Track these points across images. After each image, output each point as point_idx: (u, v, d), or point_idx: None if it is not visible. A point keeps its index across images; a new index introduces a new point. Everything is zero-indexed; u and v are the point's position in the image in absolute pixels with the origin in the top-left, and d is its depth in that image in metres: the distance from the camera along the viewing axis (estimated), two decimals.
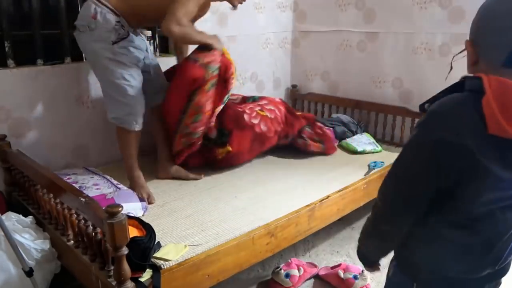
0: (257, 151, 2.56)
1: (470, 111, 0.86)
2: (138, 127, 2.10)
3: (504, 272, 1.09)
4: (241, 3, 2.32)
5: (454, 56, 1.03)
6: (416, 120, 2.90)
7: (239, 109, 2.45)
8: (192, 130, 2.22)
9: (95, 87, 2.42)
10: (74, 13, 2.39)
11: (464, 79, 0.94)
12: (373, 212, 1.09)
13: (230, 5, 2.32)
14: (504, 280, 1.11)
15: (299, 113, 2.84)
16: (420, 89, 2.94)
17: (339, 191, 2.22)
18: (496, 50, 0.90)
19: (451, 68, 1.02)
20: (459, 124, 0.87)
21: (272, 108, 2.60)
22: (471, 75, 0.94)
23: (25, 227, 1.80)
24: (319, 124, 2.83)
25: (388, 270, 1.20)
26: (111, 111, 2.09)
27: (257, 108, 2.51)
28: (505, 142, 0.85)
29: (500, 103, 0.83)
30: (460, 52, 1.02)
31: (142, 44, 2.17)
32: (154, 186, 2.22)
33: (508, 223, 0.99)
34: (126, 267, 1.36)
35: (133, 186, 2.11)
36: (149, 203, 2.04)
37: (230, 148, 2.36)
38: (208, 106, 2.21)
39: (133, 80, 2.05)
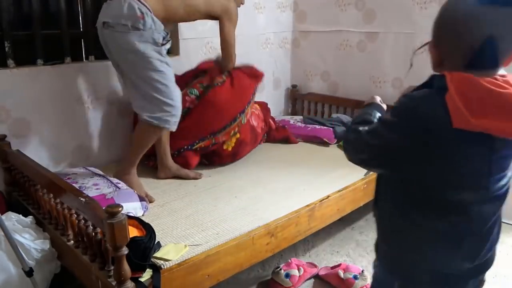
0: (253, 146, 2.61)
1: (436, 107, 0.90)
2: (175, 127, 2.09)
3: (485, 267, 1.10)
4: (238, 6, 2.38)
5: (414, 52, 1.07)
6: None
7: None
8: (218, 141, 2.41)
9: (95, 87, 2.42)
10: (74, 13, 2.40)
11: (432, 77, 0.98)
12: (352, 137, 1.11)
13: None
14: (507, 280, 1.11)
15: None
16: None
17: (339, 191, 2.21)
18: (457, 54, 0.94)
19: (411, 65, 1.04)
20: (426, 119, 0.92)
21: (256, 105, 2.78)
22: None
23: (25, 227, 1.80)
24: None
25: (373, 271, 1.21)
26: (151, 111, 2.02)
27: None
28: (469, 136, 0.89)
29: (464, 97, 0.88)
30: (419, 48, 1.08)
31: None
32: (154, 186, 2.22)
33: (480, 217, 1.01)
34: (126, 267, 1.36)
35: (129, 181, 2.09)
36: (150, 201, 2.04)
37: (239, 135, 2.47)
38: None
39: (175, 83, 2.07)
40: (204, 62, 2.61)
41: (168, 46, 2.04)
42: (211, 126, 2.40)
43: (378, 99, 1.25)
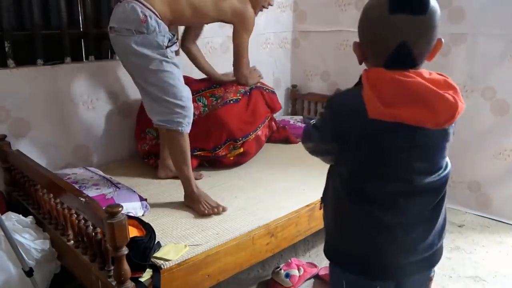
0: (256, 152, 2.60)
1: (355, 101, 0.99)
2: (189, 128, 2.03)
3: (429, 263, 1.12)
4: (261, 10, 2.41)
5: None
6: None
7: None
8: (218, 154, 2.42)
9: (95, 87, 2.42)
10: (74, 13, 2.40)
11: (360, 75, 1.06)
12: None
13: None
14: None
15: None
16: None
17: None
18: (376, 55, 1.01)
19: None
20: (347, 112, 1.02)
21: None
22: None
23: (25, 227, 1.80)
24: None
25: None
26: (161, 114, 1.99)
27: None
28: (388, 127, 0.95)
29: (376, 90, 0.95)
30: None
31: None
32: (155, 186, 2.22)
33: (408, 209, 1.04)
34: (126, 267, 1.36)
35: (197, 200, 1.96)
36: (223, 210, 1.95)
37: (241, 150, 2.45)
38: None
39: (183, 83, 2.03)
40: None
41: (175, 48, 2.00)
42: (213, 141, 2.39)
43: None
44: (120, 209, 1.30)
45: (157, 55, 1.93)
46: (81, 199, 1.47)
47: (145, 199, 1.98)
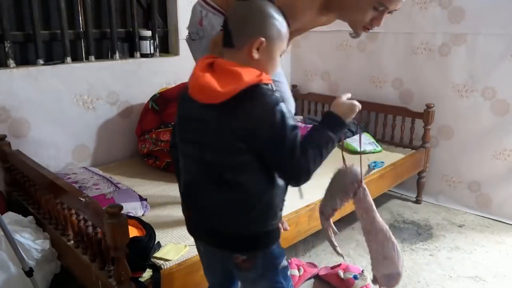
0: None
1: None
2: None
3: (228, 245, 1.19)
4: (367, 30, 1.67)
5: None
6: (416, 120, 2.91)
7: None
8: None
9: (95, 87, 2.42)
10: (74, 13, 2.40)
11: None
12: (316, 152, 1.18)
13: (352, 32, 1.73)
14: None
15: None
16: (420, 89, 2.94)
17: None
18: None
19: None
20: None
21: None
22: None
23: (25, 227, 1.80)
24: None
25: None
26: None
27: None
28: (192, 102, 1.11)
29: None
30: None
31: None
32: (155, 186, 2.22)
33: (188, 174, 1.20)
34: (126, 267, 1.35)
35: None
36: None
37: None
38: None
39: None
40: None
41: None
42: None
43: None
44: (120, 209, 1.30)
45: None
46: (81, 199, 1.47)
47: (145, 199, 1.98)
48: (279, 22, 1.12)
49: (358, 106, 1.22)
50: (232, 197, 1.13)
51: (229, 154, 1.10)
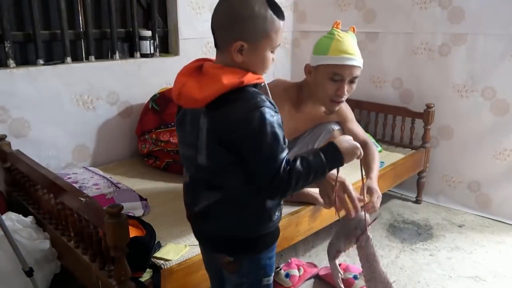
0: None
1: None
2: None
3: (214, 245, 1.22)
4: (337, 103, 1.75)
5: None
6: (416, 120, 2.91)
7: None
8: None
9: (95, 87, 2.42)
10: (74, 13, 2.40)
11: None
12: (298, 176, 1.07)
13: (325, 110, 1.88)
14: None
15: None
16: (420, 89, 2.94)
17: None
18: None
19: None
20: None
21: None
22: None
23: (25, 227, 1.80)
24: None
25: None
26: None
27: None
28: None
29: None
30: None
31: None
32: (155, 186, 2.22)
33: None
34: (126, 267, 1.35)
35: None
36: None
37: None
38: None
39: None
40: None
41: None
42: None
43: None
44: (120, 209, 1.30)
45: None
46: (81, 199, 1.47)
47: (145, 199, 1.98)
48: (263, 19, 1.03)
49: (361, 152, 1.19)
50: (221, 201, 1.12)
51: (216, 158, 1.08)
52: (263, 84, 1.09)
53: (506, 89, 2.60)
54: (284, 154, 1.04)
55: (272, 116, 1.02)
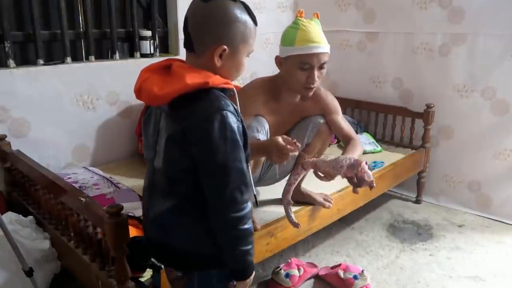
0: None
1: None
2: None
3: (162, 257, 1.20)
4: (310, 90, 1.86)
5: None
6: (416, 120, 2.91)
7: None
8: None
9: (95, 87, 2.42)
10: (74, 13, 2.40)
11: None
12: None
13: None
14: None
15: None
16: (420, 89, 2.94)
17: (339, 191, 2.21)
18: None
19: None
20: None
21: None
22: None
23: (25, 227, 1.80)
24: None
25: None
26: None
27: None
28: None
29: None
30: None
31: None
32: None
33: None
34: (126, 267, 1.35)
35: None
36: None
37: None
38: None
39: None
40: None
41: None
42: None
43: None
44: (120, 209, 1.30)
45: None
46: (81, 199, 1.47)
47: None
48: (243, 24, 1.03)
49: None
50: (173, 209, 1.05)
51: (171, 161, 1.03)
52: (233, 92, 1.05)
53: (506, 89, 2.60)
54: (244, 166, 0.99)
55: (234, 122, 0.98)
